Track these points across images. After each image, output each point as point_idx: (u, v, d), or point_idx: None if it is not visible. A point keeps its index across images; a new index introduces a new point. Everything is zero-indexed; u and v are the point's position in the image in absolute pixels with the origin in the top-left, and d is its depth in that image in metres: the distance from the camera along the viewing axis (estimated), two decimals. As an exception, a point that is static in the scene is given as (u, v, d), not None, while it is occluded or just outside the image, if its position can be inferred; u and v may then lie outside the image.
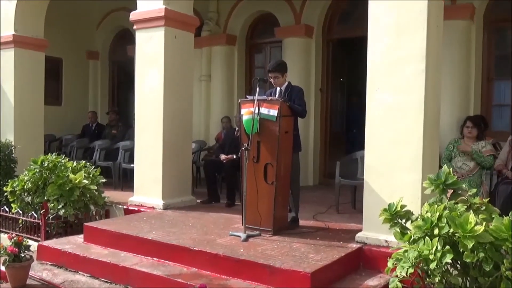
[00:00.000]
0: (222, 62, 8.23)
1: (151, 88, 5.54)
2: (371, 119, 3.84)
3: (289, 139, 4.35)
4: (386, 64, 3.76)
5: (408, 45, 3.66)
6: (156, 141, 5.48)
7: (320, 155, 7.59)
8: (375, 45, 3.82)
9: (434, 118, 3.82)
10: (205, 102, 8.44)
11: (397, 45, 3.70)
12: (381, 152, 3.78)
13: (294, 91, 4.53)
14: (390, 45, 3.74)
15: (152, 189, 5.51)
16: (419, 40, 3.61)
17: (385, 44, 3.77)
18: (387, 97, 3.75)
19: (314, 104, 7.44)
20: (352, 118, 8.38)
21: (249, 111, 4.22)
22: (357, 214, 4.83)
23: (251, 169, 4.23)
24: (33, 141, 7.15)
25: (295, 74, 6.91)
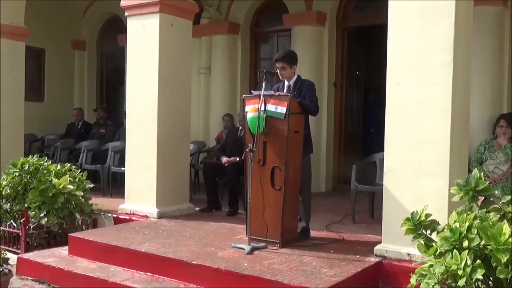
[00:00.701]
0: (224, 53, 8.24)
1: (144, 82, 5.56)
2: (392, 117, 3.83)
3: (299, 140, 4.36)
4: (409, 55, 3.75)
5: (433, 34, 3.65)
6: (150, 141, 5.49)
7: (333, 158, 7.58)
8: (396, 33, 3.82)
9: (463, 115, 3.81)
10: (205, 98, 8.46)
11: (421, 34, 3.70)
12: (402, 154, 3.77)
13: (305, 85, 4.53)
14: (413, 33, 3.74)
15: (145, 196, 5.52)
16: (446, 27, 3.60)
17: (408, 33, 3.76)
18: (409, 92, 3.75)
19: (327, 100, 7.44)
20: (370, 116, 8.38)
21: (254, 108, 4.22)
22: (375, 224, 4.82)
23: (256, 173, 4.24)
24: (12, 141, 7.18)
25: (305, 67, 6.91)
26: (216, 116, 8.27)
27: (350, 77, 7.82)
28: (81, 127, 9.00)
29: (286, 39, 7.97)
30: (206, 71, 8.45)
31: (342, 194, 6.90)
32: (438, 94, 3.64)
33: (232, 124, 7.86)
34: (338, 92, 7.59)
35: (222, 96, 8.29)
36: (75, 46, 10.13)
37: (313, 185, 4.93)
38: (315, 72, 7.26)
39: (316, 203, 5.33)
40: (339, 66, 7.56)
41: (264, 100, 4.20)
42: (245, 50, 8.36)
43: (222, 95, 8.29)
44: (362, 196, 5.54)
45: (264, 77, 4.28)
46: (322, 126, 7.44)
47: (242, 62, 8.32)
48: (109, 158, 7.28)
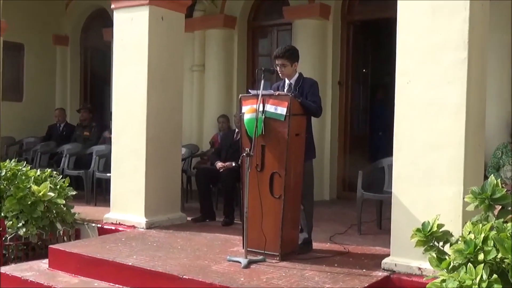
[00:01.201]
0: (219, 48, 8.25)
1: (132, 80, 5.56)
2: (401, 119, 3.84)
3: (300, 143, 4.36)
4: (420, 52, 3.77)
5: (446, 29, 3.67)
6: (138, 145, 5.49)
7: (338, 163, 7.59)
8: (406, 28, 3.83)
9: (479, 117, 3.82)
10: (198, 98, 8.46)
11: (433, 29, 3.71)
12: (413, 159, 3.78)
13: (307, 84, 4.54)
14: (424, 28, 3.75)
15: (132, 204, 5.52)
16: (460, 22, 3.62)
17: (419, 27, 3.78)
18: (420, 92, 3.76)
19: (331, 100, 7.46)
20: (378, 118, 8.39)
21: (252, 109, 4.23)
22: (383, 235, 4.81)
23: (254, 179, 4.24)
24: (-12, 144, 7.19)
25: (307, 64, 6.91)
26: (211, 117, 8.27)
27: (356, 75, 7.83)
28: (63, 129, 9.00)
29: (287, 34, 7.98)
30: (199, 68, 8.46)
31: (348, 202, 6.89)
32: (451, 94, 3.65)
33: (228, 126, 7.86)
34: (343, 91, 7.60)
35: (217, 96, 8.29)
36: (57, 41, 10.13)
37: (315, 192, 4.92)
38: (318, 69, 7.27)
39: (319, 212, 5.33)
40: (344, 63, 7.57)
41: (263, 100, 4.21)
42: (242, 45, 8.37)
43: (217, 95, 8.29)
44: (369, 205, 5.54)
45: (262, 75, 4.28)
46: (326, 129, 7.44)
47: (239, 59, 8.33)
48: (93, 163, 7.27)
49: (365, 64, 8.19)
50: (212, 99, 8.32)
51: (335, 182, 7.59)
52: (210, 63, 8.35)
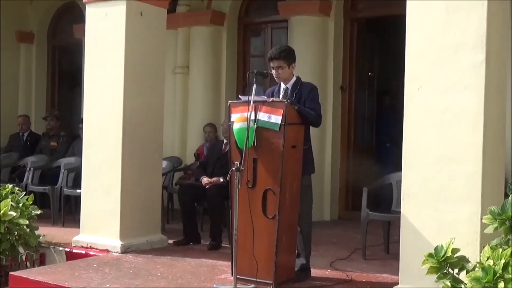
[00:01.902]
0: (206, 48, 8.27)
1: (107, 84, 5.56)
2: (411, 129, 3.86)
3: (297, 156, 4.37)
4: (432, 54, 3.80)
5: (462, 28, 3.70)
6: (113, 157, 5.48)
7: (340, 179, 7.60)
8: (417, 27, 3.86)
9: (498, 127, 3.85)
10: (181, 104, 8.46)
11: (447, 28, 3.75)
12: (424, 175, 3.79)
13: (305, 89, 4.56)
14: (437, 27, 3.78)
15: (106, 225, 5.49)
16: (477, 21, 3.65)
17: (431, 27, 3.81)
18: (433, 99, 3.78)
19: (333, 107, 7.48)
20: (385, 127, 8.41)
21: (242, 117, 4.24)
22: (391, 260, 4.82)
23: (244, 197, 4.24)
24: None
25: (306, 66, 6.94)
26: (196, 127, 8.27)
27: (361, 79, 7.87)
28: (27, 139, 8.95)
29: (282, 32, 8.01)
30: (183, 70, 8.47)
31: (351, 223, 6.89)
32: (467, 101, 3.67)
33: (215, 137, 7.86)
34: (346, 97, 7.62)
35: (203, 102, 8.29)
36: (21, 38, 10.11)
37: (314, 212, 4.92)
38: (318, 72, 7.29)
39: (318, 235, 5.33)
40: (347, 65, 7.60)
41: (255, 108, 4.22)
42: (232, 45, 8.40)
43: (203, 101, 8.29)
44: (375, 226, 5.55)
45: (255, 79, 4.29)
46: (326, 140, 7.46)
47: (228, 60, 8.35)
48: (61, 177, 7.23)
49: (371, 66, 8.23)
50: (198, 105, 8.32)
51: (336, 200, 7.59)
52: (195, 65, 8.36)
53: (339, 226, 7.03)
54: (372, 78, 8.31)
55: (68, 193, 7.08)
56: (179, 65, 8.47)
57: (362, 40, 7.75)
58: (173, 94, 8.38)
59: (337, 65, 7.54)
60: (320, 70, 7.38)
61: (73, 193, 6.94)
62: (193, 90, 8.37)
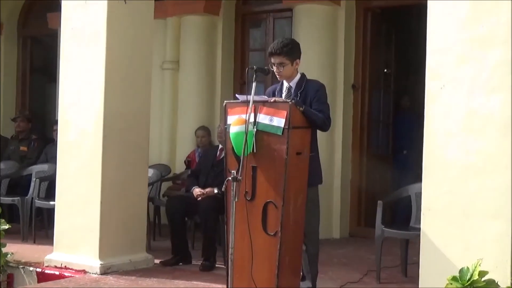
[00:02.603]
0: (198, 40, 8.28)
1: (86, 81, 5.56)
2: (432, 134, 3.86)
3: (302, 165, 4.36)
4: (456, 50, 3.80)
5: (490, 20, 3.70)
6: (92, 165, 5.47)
7: (351, 191, 7.60)
8: (439, 19, 3.87)
9: (532, 133, 3.85)
10: (170, 104, 8.47)
11: (473, 21, 3.75)
12: (448, 187, 3.79)
13: (311, 88, 4.56)
14: (462, 20, 3.79)
15: (83, 242, 5.48)
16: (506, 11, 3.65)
17: (455, 19, 3.81)
18: (457, 100, 3.78)
19: (343, 109, 7.49)
20: (403, 132, 8.42)
21: (240, 120, 4.23)
22: (409, 284, 4.82)
23: (242, 211, 4.22)
24: None
25: (313, 62, 6.95)
26: (186, 130, 8.27)
27: (376, 76, 7.89)
28: (-6, 144, 8.95)
29: (286, 23, 8.03)
30: (172, 66, 8.48)
31: (363, 242, 6.89)
32: (496, 103, 3.68)
33: (209, 142, 7.86)
34: (358, 97, 7.64)
35: (195, 102, 8.30)
36: (-13, 28, 10.12)
37: (322, 228, 4.93)
38: (326, 69, 7.31)
39: (326, 254, 5.33)
40: (360, 61, 7.61)
41: (254, 109, 4.22)
42: (229, 37, 8.41)
43: (195, 100, 8.30)
44: (391, 245, 5.54)
45: (254, 76, 4.28)
46: (336, 146, 7.46)
47: (224, 55, 8.36)
48: (32, 187, 7.22)
49: (387, 62, 8.24)
50: (189, 106, 8.33)
51: (347, 215, 7.59)
52: (186, 59, 8.38)
53: (350, 245, 7.03)
54: (388, 76, 8.32)
55: (40, 205, 7.07)
56: (168, 60, 8.49)
57: (377, 32, 7.78)
58: (161, 93, 8.38)
59: (348, 61, 7.55)
60: (328, 66, 7.40)
61: (45, 205, 6.94)
62: (184, 89, 8.38)
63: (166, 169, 7.92)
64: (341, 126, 7.46)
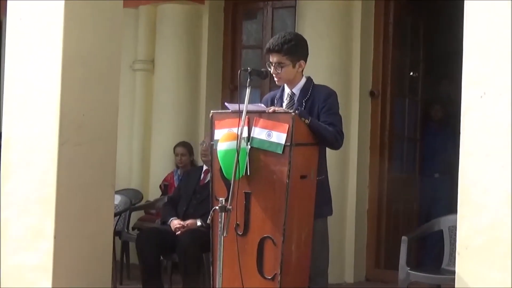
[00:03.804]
0: (178, 35, 8.33)
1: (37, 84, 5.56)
2: (471, 153, 3.87)
3: (308, 191, 4.38)
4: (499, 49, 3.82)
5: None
6: (43, 190, 5.46)
7: (369, 224, 7.62)
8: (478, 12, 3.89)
9: None
10: (143, 114, 8.50)
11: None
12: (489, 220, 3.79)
13: (319, 96, 4.59)
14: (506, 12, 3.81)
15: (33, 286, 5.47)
16: None
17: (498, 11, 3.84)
18: (501, 111, 3.79)
19: (359, 121, 7.51)
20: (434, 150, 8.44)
21: (231, 135, 4.24)
22: None
23: (232, 249, 4.23)
24: None
25: (321, 63, 6.99)
26: (162, 147, 8.30)
27: (400, 81, 7.93)
28: None
29: (288, 15, 8.09)
30: (146, 66, 8.53)
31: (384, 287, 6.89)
32: (551, 115, 3.70)
33: (191, 161, 7.87)
34: (377, 107, 7.66)
35: (173, 111, 8.33)
36: None
37: (332, 271, 4.93)
38: (338, 72, 7.34)
39: (337, 304, 5.33)
40: (380, 62, 7.65)
41: (248, 121, 4.24)
42: (216, 31, 8.46)
43: (173, 110, 8.33)
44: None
45: (248, 80, 4.31)
46: (350, 167, 7.48)
47: (211, 53, 8.40)
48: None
49: (413, 64, 8.27)
50: (166, 116, 8.35)
51: (363, 255, 7.59)
52: (163, 58, 8.42)
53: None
54: (415, 81, 8.35)
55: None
56: (140, 59, 8.55)
57: (402, 26, 7.82)
58: (132, 99, 8.42)
59: (365, 62, 7.58)
60: (341, 68, 7.43)
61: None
62: (160, 95, 8.42)
63: (137, 195, 7.93)
64: (356, 143, 7.48)
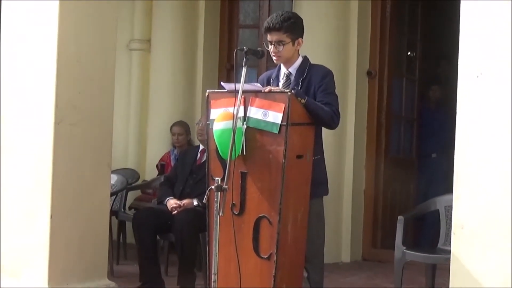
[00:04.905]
0: (175, 14, 8.31)
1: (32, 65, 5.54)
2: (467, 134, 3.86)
3: (304, 171, 4.39)
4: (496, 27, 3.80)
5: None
6: (39, 171, 5.45)
7: (365, 204, 7.63)
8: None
9: None
10: (139, 94, 8.49)
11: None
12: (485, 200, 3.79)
13: (316, 75, 4.57)
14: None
15: (29, 266, 5.46)
16: None
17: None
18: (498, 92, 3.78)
19: (356, 101, 7.51)
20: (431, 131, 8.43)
21: (227, 114, 4.24)
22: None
23: (228, 228, 4.24)
24: None
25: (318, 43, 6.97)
26: (159, 126, 8.30)
27: (397, 61, 7.92)
28: None
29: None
30: (142, 46, 8.51)
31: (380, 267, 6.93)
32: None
33: (187, 141, 7.87)
34: (374, 87, 7.66)
35: (170, 91, 8.33)
36: None
37: (328, 250, 4.94)
38: (335, 52, 7.34)
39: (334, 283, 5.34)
40: (378, 42, 7.65)
41: (244, 100, 4.23)
42: (213, 10, 8.43)
43: (170, 89, 8.33)
44: (414, 272, 5.58)
45: (245, 59, 4.30)
46: (346, 147, 7.49)
47: (207, 32, 8.38)
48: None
49: (411, 43, 8.25)
50: (162, 96, 8.35)
51: (359, 234, 7.62)
52: (159, 38, 8.40)
53: (363, 271, 7.06)
54: (412, 60, 8.33)
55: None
56: (136, 38, 8.52)
57: (399, 5, 7.81)
58: (128, 79, 8.41)
59: (362, 41, 7.58)
60: (337, 47, 7.43)
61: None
62: (157, 74, 8.41)
63: (134, 174, 7.93)
64: (353, 123, 7.49)
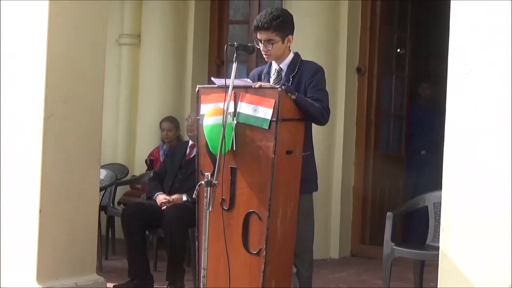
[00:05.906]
0: (165, 9, 8.29)
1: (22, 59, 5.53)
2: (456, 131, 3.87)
3: (294, 167, 4.39)
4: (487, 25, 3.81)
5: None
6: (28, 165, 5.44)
7: (354, 200, 7.64)
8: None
9: None
10: (129, 89, 8.47)
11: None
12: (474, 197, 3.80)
13: (307, 71, 4.58)
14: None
15: (17, 261, 5.45)
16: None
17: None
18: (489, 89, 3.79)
19: (345, 98, 7.51)
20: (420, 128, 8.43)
21: (217, 110, 4.25)
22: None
23: (217, 223, 4.24)
24: None
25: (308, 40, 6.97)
26: (148, 122, 8.29)
27: (387, 58, 7.92)
28: None
29: (275, -10, 8.07)
30: (132, 40, 8.49)
31: (368, 263, 6.93)
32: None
33: (177, 136, 7.87)
34: (364, 83, 7.66)
35: (159, 86, 8.31)
36: None
37: (317, 246, 4.94)
38: (325, 48, 7.33)
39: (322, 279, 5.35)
40: (367, 39, 7.65)
41: (234, 96, 4.24)
42: (203, 5, 8.41)
43: (159, 84, 8.31)
44: (402, 268, 5.59)
45: (235, 55, 4.30)
46: (336, 144, 7.50)
47: (197, 27, 8.37)
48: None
49: (401, 40, 8.26)
50: (152, 91, 8.34)
51: (348, 231, 7.62)
52: (149, 33, 8.39)
53: (351, 267, 7.07)
54: (402, 57, 8.33)
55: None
56: (126, 33, 8.50)
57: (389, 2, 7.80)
58: (118, 74, 8.39)
59: (352, 38, 7.58)
60: (328, 44, 7.42)
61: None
62: (146, 69, 8.40)
63: (123, 170, 7.91)
64: (343, 119, 7.49)
